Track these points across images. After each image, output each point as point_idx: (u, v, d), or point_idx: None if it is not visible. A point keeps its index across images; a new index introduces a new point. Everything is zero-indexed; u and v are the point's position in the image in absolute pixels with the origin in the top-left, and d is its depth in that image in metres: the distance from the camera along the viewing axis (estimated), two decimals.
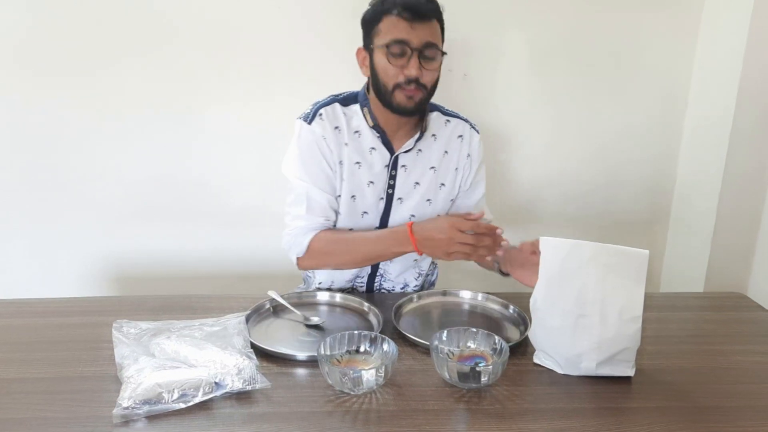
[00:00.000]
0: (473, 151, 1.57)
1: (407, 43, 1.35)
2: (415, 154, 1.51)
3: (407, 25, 1.34)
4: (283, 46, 1.90)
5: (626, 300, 1.10)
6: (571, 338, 1.14)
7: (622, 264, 1.10)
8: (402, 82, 1.37)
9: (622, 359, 1.13)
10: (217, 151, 2.00)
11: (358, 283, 1.61)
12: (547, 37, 1.98)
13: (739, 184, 1.94)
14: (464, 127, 1.56)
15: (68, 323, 1.33)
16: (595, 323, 1.12)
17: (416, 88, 1.37)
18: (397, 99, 1.39)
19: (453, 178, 1.56)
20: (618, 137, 2.11)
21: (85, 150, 1.96)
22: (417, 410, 1.05)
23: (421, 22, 1.34)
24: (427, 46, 1.36)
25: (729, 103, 1.88)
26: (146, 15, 1.85)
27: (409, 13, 1.33)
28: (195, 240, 2.04)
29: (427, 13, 1.35)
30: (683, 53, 2.02)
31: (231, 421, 1.01)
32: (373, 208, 1.51)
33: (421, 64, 1.36)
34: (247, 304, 1.39)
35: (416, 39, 1.35)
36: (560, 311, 1.14)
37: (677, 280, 2.18)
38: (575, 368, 1.15)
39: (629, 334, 1.11)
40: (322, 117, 1.46)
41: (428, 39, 1.35)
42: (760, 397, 1.13)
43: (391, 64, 1.37)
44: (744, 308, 1.52)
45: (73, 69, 1.88)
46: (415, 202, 1.52)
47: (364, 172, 1.48)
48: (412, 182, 1.52)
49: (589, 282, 1.11)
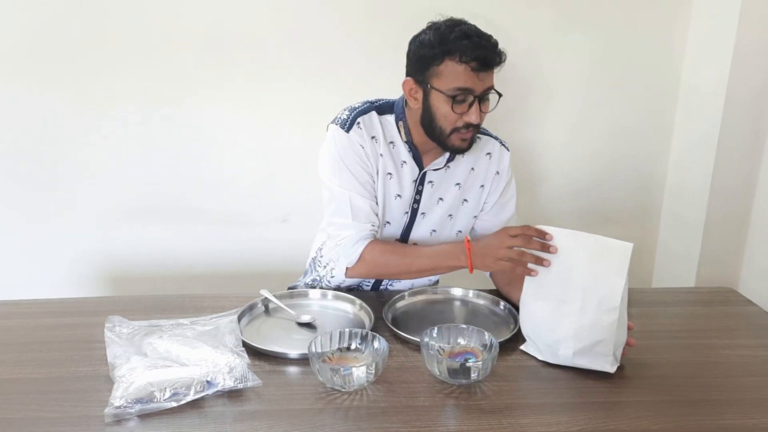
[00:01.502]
0: (502, 169, 1.54)
1: (472, 92, 1.31)
2: (444, 171, 1.49)
3: (473, 75, 1.30)
4: (275, 45, 1.91)
5: (607, 290, 1.12)
6: (551, 323, 1.17)
7: (607, 255, 1.13)
8: (461, 127, 1.35)
9: (600, 352, 1.14)
10: (209, 151, 2.00)
11: (365, 283, 1.60)
12: (539, 37, 1.99)
13: (729, 180, 1.95)
14: (494, 144, 1.53)
15: (60, 323, 1.33)
16: (575, 310, 1.14)
17: (470, 130, 1.36)
18: (453, 141, 1.37)
19: (477, 195, 1.54)
20: (609, 135, 2.12)
21: (77, 150, 1.96)
22: (408, 406, 1.06)
23: (487, 71, 1.31)
24: (488, 90, 1.34)
25: (718, 100, 1.89)
26: (140, 16, 1.85)
27: (478, 63, 1.29)
28: (187, 240, 2.05)
29: (494, 62, 1.31)
30: (673, 50, 2.03)
31: (223, 419, 1.02)
32: (397, 220, 1.50)
33: (480, 108, 1.34)
34: (239, 303, 1.40)
35: (480, 87, 1.31)
36: (545, 295, 1.18)
37: (669, 276, 2.20)
38: (554, 355, 1.18)
39: (605, 324, 1.12)
40: (360, 126, 1.41)
41: (490, 84, 1.33)
42: (748, 390, 1.14)
43: (453, 112, 1.33)
44: (733, 303, 1.53)
45: (67, 69, 1.88)
46: (437, 216, 1.51)
47: (394, 183, 1.47)
48: (437, 198, 1.51)
49: (575, 269, 1.14)
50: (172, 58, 1.90)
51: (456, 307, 1.46)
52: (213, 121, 1.97)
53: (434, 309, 1.44)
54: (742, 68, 1.85)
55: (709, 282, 2.01)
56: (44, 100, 1.91)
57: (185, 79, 1.92)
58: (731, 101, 1.88)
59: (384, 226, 1.51)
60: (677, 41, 2.03)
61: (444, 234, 1.54)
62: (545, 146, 2.12)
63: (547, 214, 2.18)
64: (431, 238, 1.53)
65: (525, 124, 2.08)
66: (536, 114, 2.08)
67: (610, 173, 2.17)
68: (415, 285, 1.59)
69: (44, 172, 1.98)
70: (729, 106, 1.88)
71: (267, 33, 1.89)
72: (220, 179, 2.00)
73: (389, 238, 1.52)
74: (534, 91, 2.04)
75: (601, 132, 2.12)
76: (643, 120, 2.11)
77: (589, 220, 2.20)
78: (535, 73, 2.02)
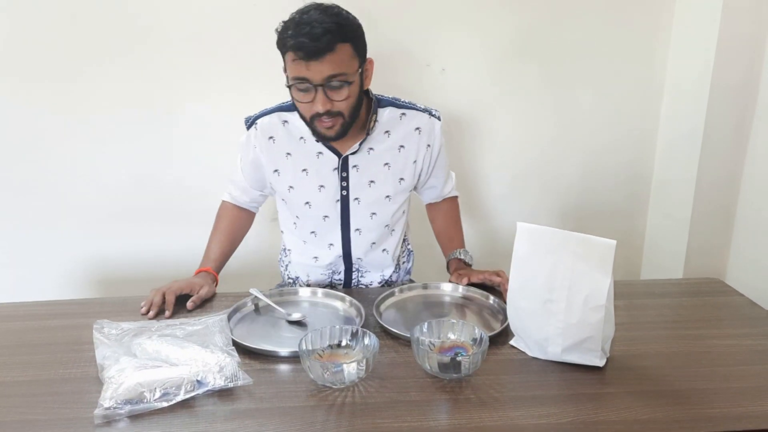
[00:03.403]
0: (434, 140, 1.54)
1: (308, 80, 1.31)
2: (367, 153, 1.49)
3: (304, 65, 1.29)
4: (259, 44, 1.89)
5: (591, 288, 1.12)
6: (539, 322, 1.17)
7: (589, 253, 1.12)
8: (316, 116, 1.35)
9: (589, 348, 1.15)
10: (196, 152, 1.99)
11: (336, 279, 1.62)
12: (525, 30, 1.99)
13: (715, 173, 1.97)
14: (422, 118, 1.52)
15: (49, 326, 1.32)
16: (561, 309, 1.14)
17: (332, 119, 1.35)
18: (318, 129, 1.38)
19: (412, 171, 1.55)
20: (596, 128, 2.13)
21: (63, 152, 1.95)
22: (399, 401, 1.06)
23: (317, 60, 1.28)
24: (330, 78, 1.30)
25: (703, 94, 1.91)
26: (128, 15, 1.84)
27: (301, 54, 1.28)
28: (175, 240, 2.04)
29: (318, 50, 1.27)
30: (658, 44, 2.05)
31: (213, 418, 1.01)
32: (330, 210, 1.53)
33: (328, 96, 1.32)
34: (228, 302, 1.40)
35: (316, 75, 1.30)
36: (530, 294, 1.17)
37: (657, 268, 2.21)
38: (543, 352, 1.18)
39: (592, 322, 1.12)
40: (256, 127, 1.52)
41: (329, 73, 1.30)
42: (735, 379, 1.15)
43: (300, 101, 1.35)
44: (720, 293, 1.54)
45: (50, 72, 1.86)
46: (373, 199, 1.53)
47: (312, 177, 1.50)
48: (367, 181, 1.51)
49: (558, 268, 1.14)
50: (159, 58, 1.89)
51: (445, 303, 1.46)
52: (201, 122, 1.96)
53: (424, 304, 1.45)
54: (725, 62, 1.87)
55: (697, 273, 2.03)
56: (28, 105, 1.89)
57: (173, 79, 1.91)
58: (715, 95, 1.90)
59: (323, 220, 1.54)
60: (661, 35, 2.04)
61: (386, 215, 1.56)
62: (532, 142, 2.13)
63: (534, 209, 2.19)
64: (373, 221, 1.55)
65: (511, 120, 2.09)
66: (522, 109, 2.08)
67: (598, 168, 2.18)
68: (385, 276, 1.63)
69: (30, 175, 1.96)
70: (713, 99, 1.90)
71: (249, 33, 1.88)
72: (207, 178, 1.99)
73: (331, 231, 1.56)
74: (519, 86, 2.05)
75: (588, 127, 2.13)
76: (629, 115, 2.13)
77: (577, 215, 2.21)
78: (520, 68, 2.03)
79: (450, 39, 1.97)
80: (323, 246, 1.58)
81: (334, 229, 1.55)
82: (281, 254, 1.73)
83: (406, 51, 1.95)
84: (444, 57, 1.99)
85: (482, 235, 2.18)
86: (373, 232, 1.57)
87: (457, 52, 1.99)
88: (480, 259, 1.71)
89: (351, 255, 1.58)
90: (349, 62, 1.33)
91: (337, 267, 1.60)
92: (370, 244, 1.58)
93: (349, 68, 1.33)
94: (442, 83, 2.01)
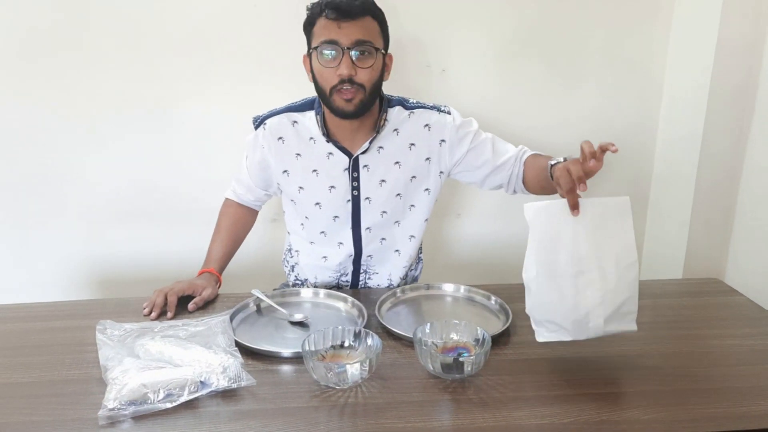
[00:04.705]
0: (448, 135, 1.51)
1: (337, 43, 1.32)
2: (377, 153, 1.49)
3: (335, 25, 1.31)
4: (259, 45, 1.90)
5: (620, 248, 1.10)
6: (574, 299, 1.11)
7: (607, 214, 1.10)
8: (337, 84, 1.34)
9: (626, 311, 1.12)
10: (196, 153, 1.99)
11: (343, 281, 1.62)
12: (526, 29, 1.99)
13: (714, 174, 1.97)
14: (431, 115, 1.51)
15: (51, 327, 1.32)
16: (595, 278, 1.10)
17: (354, 89, 1.34)
18: (336, 102, 1.37)
19: (426, 169, 1.53)
20: (595, 128, 2.13)
21: (63, 154, 1.95)
22: (402, 402, 1.06)
23: (350, 21, 1.31)
24: (359, 44, 1.32)
25: (702, 95, 1.91)
26: (128, 16, 1.83)
27: (335, 13, 1.30)
28: (177, 241, 2.04)
29: (352, 10, 1.31)
30: (658, 40, 2.04)
31: (217, 419, 1.02)
32: (340, 211, 1.53)
33: (355, 62, 1.33)
34: (230, 303, 1.40)
35: (345, 38, 1.31)
36: (557, 274, 1.11)
37: (657, 268, 2.21)
38: (583, 330, 1.12)
39: (629, 280, 1.11)
40: (265, 128, 1.52)
41: (359, 37, 1.31)
42: (736, 378, 1.15)
43: (324, 67, 1.35)
44: (720, 293, 1.55)
45: (50, 72, 1.86)
46: (384, 198, 1.52)
47: (322, 178, 1.50)
48: (378, 181, 1.51)
49: (580, 237, 1.10)
50: (159, 59, 1.89)
51: (448, 303, 1.46)
52: (202, 122, 1.96)
53: (426, 305, 1.45)
54: (725, 63, 1.87)
55: (696, 274, 2.03)
56: (28, 107, 1.89)
57: (174, 79, 1.91)
58: (715, 96, 1.90)
59: (333, 221, 1.54)
60: (660, 36, 2.04)
61: (397, 213, 1.55)
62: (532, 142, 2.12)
63: None
64: (384, 219, 1.55)
65: (511, 120, 2.09)
66: (522, 110, 2.08)
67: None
68: (392, 281, 1.62)
69: (30, 177, 1.95)
70: (713, 100, 1.90)
71: (250, 34, 1.89)
72: (207, 179, 1.99)
73: (341, 230, 1.55)
74: (519, 86, 2.05)
75: (587, 126, 2.13)
76: (628, 115, 2.13)
77: None
78: (520, 70, 2.03)
79: (450, 39, 1.97)
80: (333, 245, 1.57)
81: (344, 229, 1.55)
82: (285, 255, 1.73)
83: (406, 51, 1.96)
84: (444, 57, 1.99)
85: (483, 234, 2.18)
86: (383, 230, 1.56)
87: (457, 52, 1.99)
88: (481, 259, 1.72)
89: (361, 254, 1.58)
90: (377, 37, 1.37)
91: (345, 268, 1.60)
92: (380, 241, 1.57)
93: (377, 41, 1.36)
94: (442, 83, 2.01)
